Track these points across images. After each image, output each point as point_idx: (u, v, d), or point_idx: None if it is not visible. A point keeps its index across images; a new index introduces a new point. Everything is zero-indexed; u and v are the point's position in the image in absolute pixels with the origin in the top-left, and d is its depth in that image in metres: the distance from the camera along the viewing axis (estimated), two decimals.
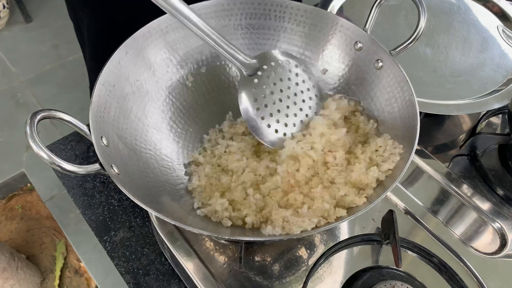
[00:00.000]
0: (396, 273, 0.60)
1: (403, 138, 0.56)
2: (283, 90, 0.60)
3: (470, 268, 0.62)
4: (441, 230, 0.68)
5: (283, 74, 0.60)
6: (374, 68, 0.63)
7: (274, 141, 0.60)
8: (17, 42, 2.41)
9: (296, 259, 0.63)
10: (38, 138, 0.42)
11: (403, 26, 0.94)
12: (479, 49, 0.90)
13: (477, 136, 0.78)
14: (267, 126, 0.60)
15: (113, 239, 0.72)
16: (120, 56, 0.58)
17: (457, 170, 0.78)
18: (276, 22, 0.68)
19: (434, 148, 0.82)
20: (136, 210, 0.76)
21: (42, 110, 0.44)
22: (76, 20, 0.98)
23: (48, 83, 2.21)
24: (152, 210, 0.45)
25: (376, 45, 0.62)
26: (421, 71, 0.85)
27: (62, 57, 2.34)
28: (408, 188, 0.73)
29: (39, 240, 1.70)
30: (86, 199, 0.77)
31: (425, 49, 0.89)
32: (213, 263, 0.62)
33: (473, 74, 0.85)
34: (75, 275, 1.63)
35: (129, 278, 0.67)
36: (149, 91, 0.63)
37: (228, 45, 0.56)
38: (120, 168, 0.50)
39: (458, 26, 0.94)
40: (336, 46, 0.67)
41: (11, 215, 1.77)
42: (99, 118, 0.52)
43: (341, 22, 0.65)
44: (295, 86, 0.61)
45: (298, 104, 0.61)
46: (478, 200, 0.71)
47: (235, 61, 0.57)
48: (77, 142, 0.86)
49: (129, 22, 0.65)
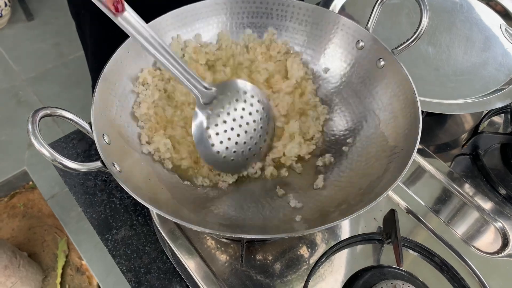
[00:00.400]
0: (398, 273, 0.60)
1: (405, 137, 0.56)
2: (236, 119, 0.60)
3: (471, 268, 0.62)
4: (443, 229, 0.68)
5: (237, 104, 0.60)
6: (376, 67, 0.63)
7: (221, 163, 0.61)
8: (19, 40, 2.41)
9: (297, 258, 0.63)
10: (40, 135, 0.42)
11: (405, 25, 0.93)
12: (482, 48, 0.89)
13: (479, 135, 0.78)
14: (216, 152, 0.60)
15: (114, 238, 0.72)
16: (121, 54, 0.58)
17: (459, 169, 0.78)
18: (278, 21, 0.68)
19: (436, 147, 0.82)
20: (137, 208, 0.76)
21: (44, 108, 0.44)
22: (78, 18, 0.98)
23: (49, 81, 2.21)
24: (153, 208, 0.45)
25: (378, 44, 0.62)
26: (423, 70, 0.85)
27: (64, 56, 2.34)
28: (410, 187, 0.72)
29: (41, 238, 1.71)
30: (88, 197, 0.77)
31: (427, 48, 0.89)
32: (214, 261, 0.62)
33: (476, 73, 0.85)
34: (77, 273, 1.63)
35: (130, 276, 0.67)
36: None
37: (189, 73, 0.56)
38: (122, 166, 0.50)
39: (461, 25, 0.94)
40: (338, 45, 0.67)
41: (13, 213, 1.77)
42: (100, 116, 0.52)
43: (343, 21, 0.65)
44: (248, 115, 0.61)
45: (249, 133, 0.61)
46: (480, 199, 0.71)
47: (194, 89, 0.57)
48: (78, 140, 0.86)
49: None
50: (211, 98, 0.59)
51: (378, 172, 0.56)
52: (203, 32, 0.67)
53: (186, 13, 0.64)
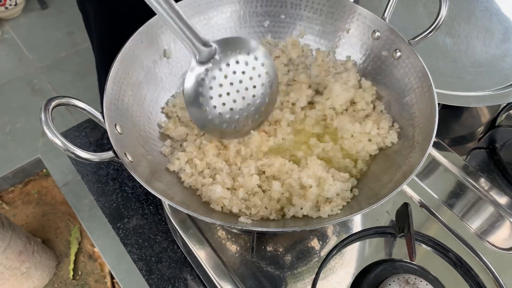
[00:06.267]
0: (410, 267, 0.59)
1: (420, 130, 0.55)
2: (234, 83, 0.56)
3: (486, 263, 0.61)
4: (456, 224, 0.67)
5: (237, 67, 0.55)
6: (391, 58, 0.62)
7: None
8: (33, 29, 2.43)
9: (308, 250, 0.63)
10: (53, 124, 0.42)
11: (422, 15, 0.91)
12: (501, 39, 0.87)
13: (497, 129, 0.76)
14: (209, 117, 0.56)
15: (126, 226, 0.72)
16: (134, 44, 0.57)
17: (475, 163, 0.76)
18: (292, 10, 0.67)
19: (451, 140, 0.81)
20: (149, 198, 0.76)
21: (57, 97, 0.44)
22: (84, 11, 0.98)
23: (63, 70, 2.23)
24: (164, 198, 0.45)
25: (394, 34, 0.60)
26: (441, 62, 0.83)
27: (77, 44, 2.35)
28: (424, 180, 0.71)
29: (55, 225, 1.73)
30: (100, 186, 0.78)
31: (445, 39, 0.86)
32: (225, 252, 0.62)
33: (494, 65, 0.83)
34: (89, 260, 1.65)
35: (141, 265, 0.68)
36: (162, 79, 0.63)
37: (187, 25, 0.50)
38: (134, 156, 0.50)
39: (480, 15, 0.91)
40: (354, 35, 0.66)
41: (27, 199, 1.80)
42: (113, 105, 0.52)
43: (359, 10, 0.63)
44: (248, 80, 0.56)
45: (246, 99, 0.57)
46: (495, 194, 0.70)
47: (190, 44, 0.52)
48: (91, 129, 0.86)
49: (135, 14, 0.64)
50: (209, 57, 0.54)
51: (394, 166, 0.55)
52: (216, 21, 0.66)
53: (199, 1, 0.63)
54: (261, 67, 0.57)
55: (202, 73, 0.54)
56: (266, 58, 0.57)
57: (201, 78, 0.54)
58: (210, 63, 0.54)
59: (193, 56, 0.53)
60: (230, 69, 0.55)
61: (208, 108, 0.56)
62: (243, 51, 0.55)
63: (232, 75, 0.55)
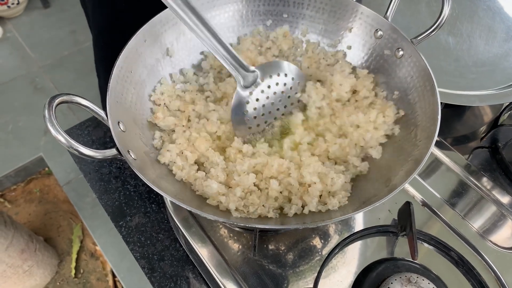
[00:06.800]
0: (412, 265, 0.59)
1: (422, 129, 0.55)
2: (269, 97, 0.61)
3: (488, 262, 0.61)
4: (459, 223, 0.67)
5: (277, 88, 0.62)
6: (394, 57, 0.62)
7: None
8: (35, 28, 2.43)
9: (310, 248, 0.63)
10: (56, 122, 0.42)
11: (425, 14, 0.91)
12: (504, 38, 0.87)
13: (499, 128, 0.76)
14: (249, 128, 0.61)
15: (128, 224, 0.73)
16: (137, 42, 0.58)
17: (477, 162, 0.76)
18: (295, 9, 0.67)
19: (453, 139, 0.81)
20: (151, 196, 0.76)
21: (60, 95, 0.44)
22: (85, 7, 0.98)
23: (65, 68, 2.23)
24: (167, 196, 0.45)
25: (397, 33, 0.60)
26: (443, 61, 0.82)
27: (79, 43, 2.35)
28: (426, 179, 0.71)
29: (57, 223, 1.74)
30: (102, 184, 0.78)
31: (448, 38, 0.86)
32: (227, 250, 0.63)
33: (497, 64, 0.82)
34: (91, 258, 1.66)
35: (144, 263, 0.68)
36: (165, 77, 0.63)
37: (232, 55, 0.56)
38: (137, 153, 0.50)
39: (483, 14, 0.91)
40: (356, 34, 0.66)
41: (29, 198, 1.81)
42: (116, 103, 0.52)
43: (361, 9, 0.63)
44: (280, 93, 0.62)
45: (275, 105, 0.62)
46: (498, 193, 0.70)
47: (236, 71, 0.58)
48: (94, 127, 0.87)
49: (132, 10, 0.64)
50: (252, 81, 0.59)
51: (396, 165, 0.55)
52: (219, 20, 0.67)
53: (202, 0, 0.64)
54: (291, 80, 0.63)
55: (247, 96, 0.60)
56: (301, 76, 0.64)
57: (246, 101, 0.60)
58: (253, 86, 0.60)
59: (238, 81, 0.58)
60: (271, 91, 0.61)
61: (252, 126, 0.62)
62: (281, 73, 0.62)
63: (273, 95, 0.62)
